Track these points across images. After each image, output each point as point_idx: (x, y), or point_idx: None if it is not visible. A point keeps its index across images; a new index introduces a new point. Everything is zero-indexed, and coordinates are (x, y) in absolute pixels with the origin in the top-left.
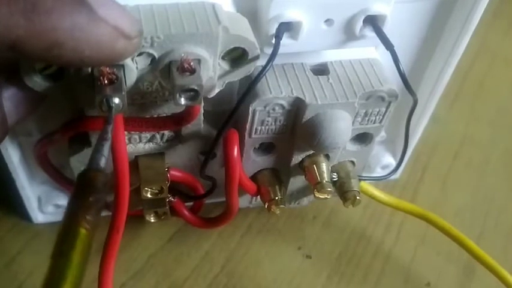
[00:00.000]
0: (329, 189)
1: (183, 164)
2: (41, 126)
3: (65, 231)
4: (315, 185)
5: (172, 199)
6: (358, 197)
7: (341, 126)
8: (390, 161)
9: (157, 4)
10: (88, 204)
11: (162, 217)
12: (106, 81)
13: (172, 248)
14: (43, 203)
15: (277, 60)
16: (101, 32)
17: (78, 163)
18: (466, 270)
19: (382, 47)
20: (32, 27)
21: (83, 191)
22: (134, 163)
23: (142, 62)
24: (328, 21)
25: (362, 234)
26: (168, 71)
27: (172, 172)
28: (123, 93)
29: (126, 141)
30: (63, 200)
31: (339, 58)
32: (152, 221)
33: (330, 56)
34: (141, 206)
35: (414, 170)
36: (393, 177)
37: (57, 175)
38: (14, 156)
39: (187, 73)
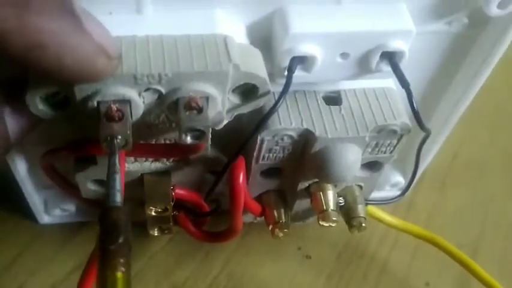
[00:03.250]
0: (334, 218)
1: (189, 182)
2: (47, 139)
3: (103, 280)
4: (320, 212)
5: (177, 213)
6: (363, 224)
7: (350, 159)
8: (399, 179)
9: (167, 35)
10: (118, 248)
11: (166, 231)
12: (111, 118)
13: (173, 248)
14: (49, 207)
15: (290, 88)
16: (85, 44)
17: (84, 179)
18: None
19: None
20: (20, 23)
21: (111, 235)
22: (139, 180)
23: (149, 97)
24: (344, 55)
25: (362, 235)
26: (176, 106)
27: (178, 191)
28: (128, 132)
29: (132, 159)
30: (69, 205)
31: (353, 87)
32: (156, 234)
33: (344, 84)
34: (144, 218)
35: None
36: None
37: (64, 185)
38: (20, 167)
39: (195, 111)
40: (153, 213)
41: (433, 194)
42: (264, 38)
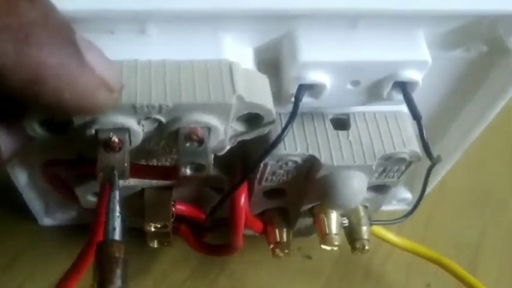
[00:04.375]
0: (336, 242)
1: (189, 197)
2: (48, 149)
3: None
4: (322, 236)
5: (177, 225)
6: (367, 247)
7: (355, 187)
8: (406, 195)
9: (170, 61)
10: (116, 278)
11: (165, 244)
12: (110, 148)
13: (172, 248)
14: (50, 211)
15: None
16: (85, 77)
17: (83, 192)
18: None
19: None
20: (19, 58)
21: (108, 276)
22: (140, 193)
23: (149, 125)
24: (355, 82)
25: None
26: (176, 135)
27: (179, 206)
28: (126, 164)
29: None
30: (71, 210)
31: (363, 109)
32: (155, 246)
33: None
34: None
35: None
36: None
37: (65, 191)
38: (21, 175)
39: (195, 143)
40: (153, 229)
41: (433, 194)
42: (272, 59)
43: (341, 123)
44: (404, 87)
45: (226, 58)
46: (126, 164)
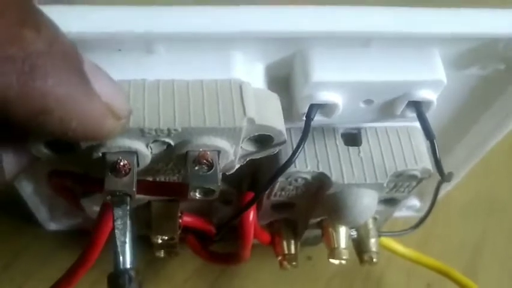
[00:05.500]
0: (344, 257)
1: (197, 209)
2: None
3: None
4: (331, 249)
5: (184, 236)
6: (375, 259)
7: (365, 204)
8: (415, 202)
9: (179, 80)
10: None
11: (172, 255)
12: (117, 172)
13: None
14: (56, 216)
15: None
16: (93, 106)
17: (89, 203)
18: None
19: None
20: (24, 91)
21: None
22: (147, 206)
23: (158, 148)
24: (368, 101)
25: None
26: (185, 157)
27: (186, 218)
28: (134, 189)
29: None
30: (76, 216)
31: (374, 125)
32: (162, 256)
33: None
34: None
35: None
36: None
37: (71, 200)
38: (26, 185)
39: (204, 167)
40: (160, 241)
41: None
42: (284, 76)
43: (352, 139)
44: (418, 107)
45: (236, 78)
46: (134, 189)
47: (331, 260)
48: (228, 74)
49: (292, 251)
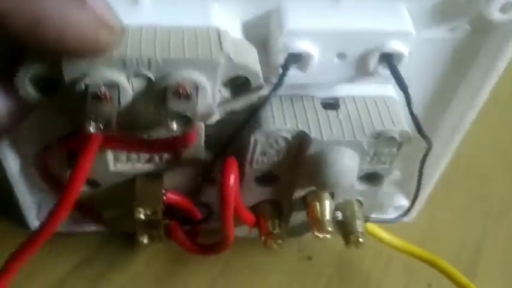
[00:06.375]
0: (329, 228)
1: (182, 187)
2: (39, 137)
3: None
4: (315, 222)
5: (168, 221)
6: (361, 239)
7: (346, 165)
8: (404, 202)
9: (161, 26)
10: None
11: (156, 239)
12: (98, 98)
13: (172, 248)
14: (42, 211)
15: (286, 91)
16: (86, 17)
17: None
18: None
19: None
20: (20, 1)
21: None
22: (132, 182)
23: (139, 84)
24: (341, 55)
25: None
26: (164, 95)
27: (170, 195)
28: (113, 112)
29: (124, 159)
30: None
31: (353, 93)
32: (145, 242)
33: (343, 90)
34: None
35: None
36: None
37: (58, 188)
38: (13, 166)
39: (183, 99)
40: (142, 216)
41: (435, 196)
42: (260, 38)
43: (331, 106)
44: (390, 60)
45: (215, 26)
46: (113, 112)
47: (316, 233)
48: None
49: (277, 229)
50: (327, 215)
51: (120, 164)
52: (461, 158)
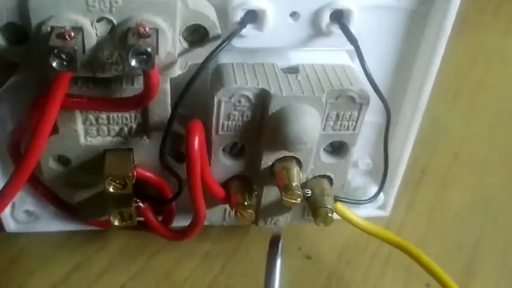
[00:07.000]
0: (297, 191)
1: (152, 165)
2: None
3: None
4: (284, 187)
5: (141, 204)
6: (330, 215)
7: (307, 121)
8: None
9: None
10: None
11: (128, 221)
12: (62, 36)
13: (173, 248)
14: (16, 209)
15: (248, 59)
16: None
17: (45, 158)
18: None
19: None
20: None
21: None
22: (102, 157)
23: (102, 29)
24: (294, 15)
25: (362, 234)
26: (126, 37)
27: (139, 169)
28: (77, 48)
29: (94, 132)
30: (35, 206)
31: (312, 62)
32: (116, 224)
33: (303, 59)
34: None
35: (412, 173)
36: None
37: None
38: None
39: (143, 38)
40: (112, 189)
41: (432, 194)
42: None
43: (290, 72)
44: (340, 18)
45: None
46: (77, 50)
47: (285, 199)
48: None
49: (248, 201)
50: (295, 181)
51: (90, 137)
52: (458, 158)
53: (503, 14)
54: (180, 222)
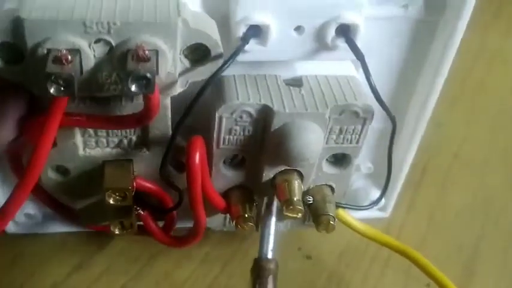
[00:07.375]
0: (299, 207)
1: (152, 176)
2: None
3: None
4: (285, 201)
5: (141, 212)
6: (332, 222)
7: (310, 137)
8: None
9: None
10: None
11: (129, 230)
12: (59, 61)
13: (173, 250)
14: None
15: (250, 71)
16: None
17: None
18: None
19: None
20: None
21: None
22: (102, 171)
23: (100, 50)
24: (299, 29)
25: (362, 237)
26: (125, 59)
27: (139, 180)
28: (74, 73)
29: (93, 144)
30: (35, 210)
31: (315, 73)
32: (117, 232)
33: (306, 70)
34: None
35: (413, 173)
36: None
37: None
38: None
39: (142, 61)
40: (112, 201)
41: (433, 194)
42: (220, 13)
43: (294, 84)
44: (346, 32)
45: None
46: (74, 74)
47: (286, 213)
48: None
49: (248, 213)
50: (297, 195)
51: (89, 149)
52: (459, 158)
53: (504, 15)
54: (181, 223)
